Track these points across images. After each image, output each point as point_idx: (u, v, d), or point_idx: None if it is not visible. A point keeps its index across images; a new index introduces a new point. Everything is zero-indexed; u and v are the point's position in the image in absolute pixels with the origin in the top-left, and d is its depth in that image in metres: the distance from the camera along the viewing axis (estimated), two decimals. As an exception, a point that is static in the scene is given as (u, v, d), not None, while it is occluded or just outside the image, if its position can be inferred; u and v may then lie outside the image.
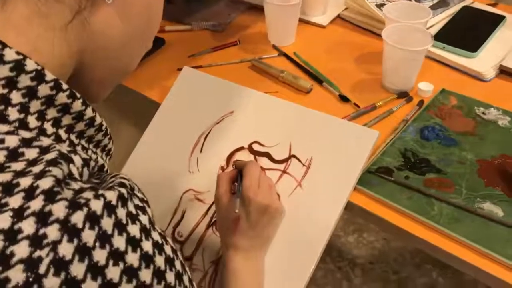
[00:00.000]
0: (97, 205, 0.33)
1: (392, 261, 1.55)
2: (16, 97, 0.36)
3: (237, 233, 0.61)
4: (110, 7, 0.41)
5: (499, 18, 1.02)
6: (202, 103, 0.81)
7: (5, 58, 0.36)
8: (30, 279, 0.29)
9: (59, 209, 0.31)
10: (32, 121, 0.37)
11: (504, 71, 0.91)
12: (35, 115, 0.37)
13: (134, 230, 0.34)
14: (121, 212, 0.34)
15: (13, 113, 0.36)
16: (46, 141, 0.36)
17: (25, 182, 0.32)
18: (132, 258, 0.33)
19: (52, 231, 0.30)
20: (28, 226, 0.30)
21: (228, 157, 0.74)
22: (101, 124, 0.43)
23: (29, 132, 0.36)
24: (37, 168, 0.33)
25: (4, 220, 0.30)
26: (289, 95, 0.88)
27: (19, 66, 0.36)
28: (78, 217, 0.31)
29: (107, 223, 0.32)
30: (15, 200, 0.31)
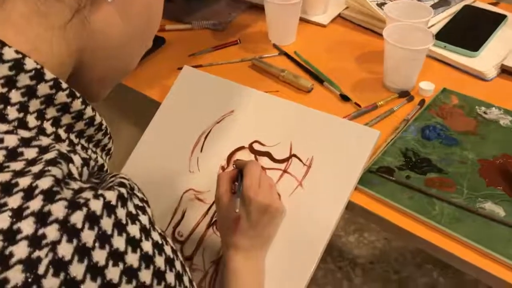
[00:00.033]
0: (97, 205, 0.32)
1: (393, 261, 1.55)
2: (15, 96, 0.36)
3: (238, 233, 0.61)
4: (110, 6, 0.41)
5: (501, 17, 1.02)
6: (203, 103, 0.80)
7: (4, 57, 0.35)
8: (29, 280, 0.29)
9: (59, 209, 0.31)
10: (32, 121, 0.36)
11: (506, 71, 0.90)
12: (35, 115, 0.37)
13: (134, 230, 0.34)
14: (121, 212, 0.34)
15: (12, 112, 0.35)
16: (46, 141, 0.35)
17: (24, 182, 0.32)
18: (132, 259, 0.33)
19: (51, 231, 0.30)
20: (27, 226, 0.30)
21: (229, 157, 0.74)
22: (101, 124, 0.43)
23: (29, 132, 0.36)
24: (36, 168, 0.33)
25: (3, 220, 0.30)
26: (290, 95, 0.88)
27: (19, 65, 0.36)
28: (78, 217, 0.31)
29: (107, 223, 0.32)
30: (14, 200, 0.31)
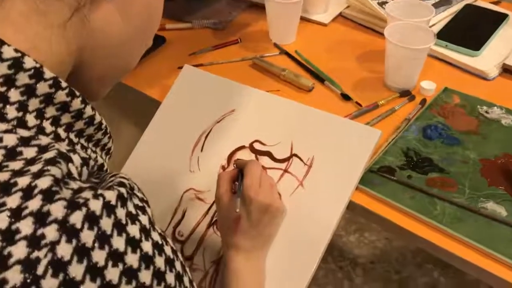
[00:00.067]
0: (96, 205, 0.32)
1: (394, 261, 1.54)
2: (15, 95, 0.36)
3: (238, 233, 0.61)
4: (110, 4, 0.41)
5: (502, 16, 1.01)
6: (203, 102, 0.80)
7: (3, 56, 0.35)
8: (28, 280, 0.29)
9: (58, 209, 0.31)
10: (31, 120, 0.36)
11: (507, 70, 0.90)
12: (34, 114, 0.36)
13: (134, 231, 0.33)
14: (121, 212, 0.33)
15: (12, 112, 0.35)
16: (45, 140, 0.35)
17: (23, 182, 0.31)
18: (132, 259, 0.32)
19: (50, 232, 0.30)
20: (26, 227, 0.30)
21: (229, 156, 0.74)
22: (101, 123, 0.43)
23: (28, 131, 0.35)
24: (36, 167, 0.32)
25: (2, 220, 0.30)
26: (291, 94, 0.87)
27: (18, 64, 0.35)
28: (77, 217, 0.31)
29: (106, 223, 0.32)
30: (13, 200, 0.30)
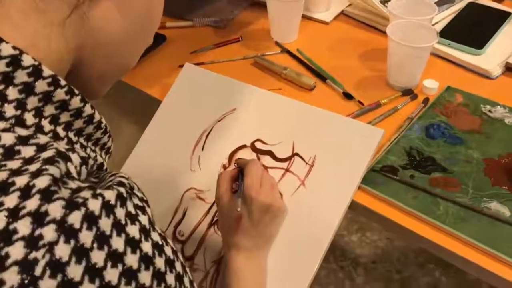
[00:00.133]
0: (95, 205, 0.32)
1: (395, 261, 1.54)
2: (13, 93, 0.35)
3: (239, 232, 0.60)
4: (110, 2, 0.41)
5: (506, 15, 1.01)
6: (204, 101, 0.80)
7: (1, 53, 0.35)
8: (26, 281, 0.28)
9: (56, 209, 0.30)
10: (29, 118, 0.36)
11: (511, 69, 0.90)
12: (32, 112, 0.36)
13: (133, 231, 0.33)
14: (120, 212, 0.33)
15: (10, 110, 0.35)
16: (44, 139, 0.35)
17: (21, 181, 0.31)
18: (131, 260, 0.32)
19: (49, 232, 0.29)
20: (24, 227, 0.29)
21: (230, 155, 0.73)
22: (100, 122, 0.42)
23: (26, 130, 0.35)
24: (34, 167, 0.32)
25: (-1, 220, 0.29)
26: (292, 93, 0.87)
27: (16, 61, 0.35)
28: (76, 217, 0.30)
29: (105, 224, 0.32)
30: (11, 200, 0.30)
